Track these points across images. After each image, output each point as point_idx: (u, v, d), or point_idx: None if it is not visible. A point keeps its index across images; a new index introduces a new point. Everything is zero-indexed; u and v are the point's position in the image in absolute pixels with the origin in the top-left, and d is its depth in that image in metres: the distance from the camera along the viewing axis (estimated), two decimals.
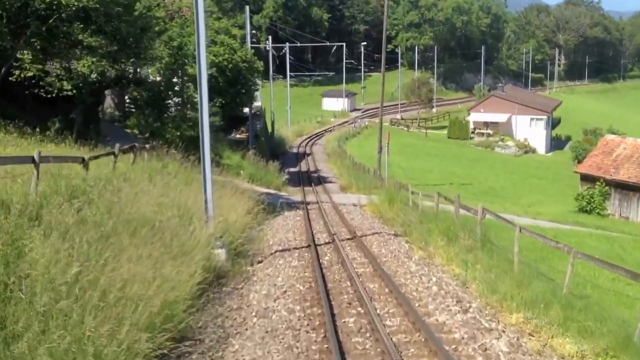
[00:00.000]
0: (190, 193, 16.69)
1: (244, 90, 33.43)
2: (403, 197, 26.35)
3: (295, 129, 71.88)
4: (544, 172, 65.97)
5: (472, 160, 69.62)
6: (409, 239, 19.59)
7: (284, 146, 60.16)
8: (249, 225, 18.69)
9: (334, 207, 27.49)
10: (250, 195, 23.31)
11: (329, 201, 29.46)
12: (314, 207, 27.75)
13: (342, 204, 28.48)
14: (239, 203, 20.75)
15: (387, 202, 25.75)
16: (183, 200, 15.85)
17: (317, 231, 21.14)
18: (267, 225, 22.67)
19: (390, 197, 26.00)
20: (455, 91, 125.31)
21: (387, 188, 28.54)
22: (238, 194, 22.16)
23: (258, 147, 39.25)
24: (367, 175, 37.58)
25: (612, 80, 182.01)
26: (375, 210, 26.14)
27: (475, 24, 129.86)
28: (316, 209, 27.02)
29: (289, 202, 28.90)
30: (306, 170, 45.18)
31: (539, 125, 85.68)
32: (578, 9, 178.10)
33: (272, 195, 30.29)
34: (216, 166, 32.24)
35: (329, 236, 19.65)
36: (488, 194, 45.51)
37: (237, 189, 22.74)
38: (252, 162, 32.94)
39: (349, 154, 49.13)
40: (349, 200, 29.77)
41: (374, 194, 31.97)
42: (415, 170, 52.42)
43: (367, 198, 29.05)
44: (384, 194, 27.54)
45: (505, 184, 52.56)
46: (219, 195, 20.14)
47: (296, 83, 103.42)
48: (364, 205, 27.87)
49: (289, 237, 20.05)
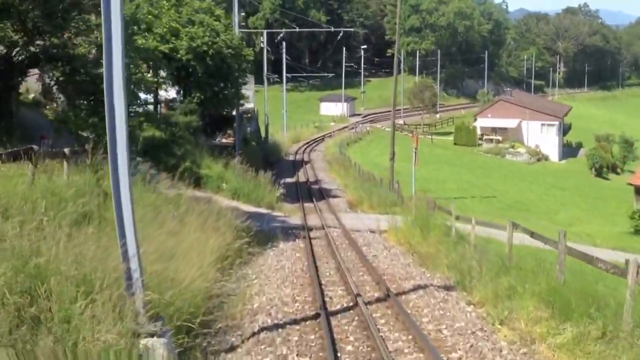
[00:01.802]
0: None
1: (229, 83, 25.83)
2: (437, 220, 18.89)
3: (292, 135, 64.23)
4: (563, 182, 58.55)
5: (484, 168, 62.25)
6: (471, 298, 12.10)
7: (279, 153, 52.48)
8: (217, 284, 11.09)
9: (345, 234, 19.85)
10: (230, 221, 15.78)
11: (338, 225, 21.80)
12: (319, 234, 20.11)
13: (355, 229, 20.84)
14: (210, 240, 13.12)
15: (419, 229, 18.17)
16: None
17: (327, 281, 13.57)
18: (252, 268, 15.09)
19: (423, 222, 18.40)
20: (456, 97, 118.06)
21: (415, 207, 20.88)
22: (211, 221, 14.59)
23: (248, 153, 31.60)
24: (380, 187, 29.92)
25: (611, 88, 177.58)
26: (402, 240, 18.52)
27: (477, 30, 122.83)
28: (322, 238, 19.40)
29: (285, 226, 21.25)
30: (305, 181, 37.48)
31: (551, 131, 78.39)
32: (577, 18, 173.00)
33: (262, 216, 22.63)
34: (192, 178, 24.54)
35: (348, 294, 12.11)
36: (516, 208, 37.99)
37: (210, 214, 15.19)
38: (239, 173, 25.26)
39: (353, 162, 41.46)
40: (363, 224, 22.12)
41: (394, 214, 24.45)
42: (428, 180, 44.81)
43: (386, 219, 21.38)
44: (411, 216, 19.98)
45: (529, 196, 45.02)
46: (177, 230, 12.66)
47: (293, 88, 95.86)
48: (385, 231, 20.24)
49: (283, 294, 12.43)
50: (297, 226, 21.39)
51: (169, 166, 24.35)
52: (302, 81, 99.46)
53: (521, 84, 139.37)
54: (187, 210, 14.86)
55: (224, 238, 14.47)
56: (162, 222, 12.84)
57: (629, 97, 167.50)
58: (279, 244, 18.07)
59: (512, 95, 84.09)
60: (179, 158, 24.47)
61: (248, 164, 28.61)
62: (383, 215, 24.28)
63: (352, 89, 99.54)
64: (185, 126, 24.27)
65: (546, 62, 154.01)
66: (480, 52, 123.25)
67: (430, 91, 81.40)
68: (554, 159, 77.62)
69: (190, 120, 24.40)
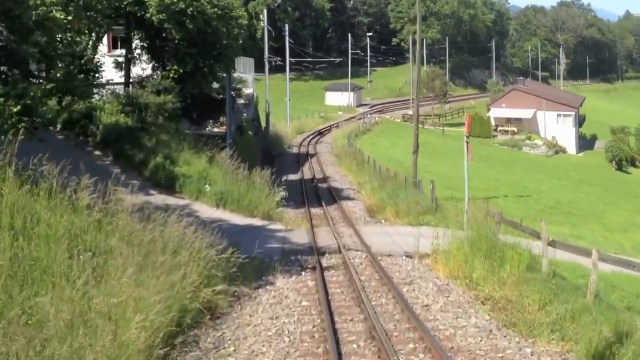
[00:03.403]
0: None
1: (216, 53, 19.38)
2: (501, 237, 12.87)
3: (296, 125, 57.66)
4: (590, 177, 52.08)
5: (503, 162, 55.72)
6: None
7: (282, 145, 46.02)
8: None
9: (372, 262, 13.48)
10: (199, 251, 9.54)
11: (359, 244, 15.39)
12: (334, 261, 13.74)
13: (384, 252, 14.44)
14: (153, 296, 6.64)
15: (482, 256, 11.99)
16: None
17: None
18: (229, 330, 8.86)
19: (488, 246, 12.13)
20: (463, 87, 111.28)
21: (470, 220, 14.50)
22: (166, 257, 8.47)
23: (242, 145, 25.24)
24: (404, 188, 23.50)
25: (612, 81, 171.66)
26: (456, 272, 12.31)
27: (481, 19, 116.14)
28: (339, 268, 13.05)
29: (287, 248, 14.95)
30: (311, 178, 31.04)
31: (567, 122, 71.67)
32: (572, 11, 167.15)
33: (255, 233, 16.33)
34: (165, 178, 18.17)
35: None
36: (558, 210, 31.62)
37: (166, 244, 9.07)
38: (227, 171, 18.88)
39: (367, 155, 34.95)
40: (393, 242, 15.74)
41: (429, 225, 18.19)
42: (449, 176, 38.41)
43: (422, 234, 15.02)
44: (462, 231, 13.80)
45: (565, 194, 38.56)
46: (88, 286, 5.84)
47: (296, 77, 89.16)
48: (427, 255, 13.93)
49: None
50: (303, 247, 14.99)
51: (135, 162, 18.04)
52: (306, 70, 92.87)
53: (526, 75, 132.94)
54: (124, 241, 8.67)
55: (182, 286, 8.30)
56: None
57: (629, 90, 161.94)
58: (277, 280, 11.83)
59: (525, 84, 77.37)
60: (149, 151, 18.16)
61: (241, 158, 22.25)
62: (415, 227, 17.88)
63: (357, 78, 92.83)
64: (158, 109, 17.96)
65: (549, 53, 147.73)
66: (485, 42, 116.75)
67: (441, 80, 74.77)
68: (572, 152, 71.02)
69: (164, 101, 18.02)
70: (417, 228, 17.77)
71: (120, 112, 18.01)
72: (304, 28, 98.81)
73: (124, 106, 18.06)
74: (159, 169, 17.61)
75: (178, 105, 18.59)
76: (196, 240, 9.71)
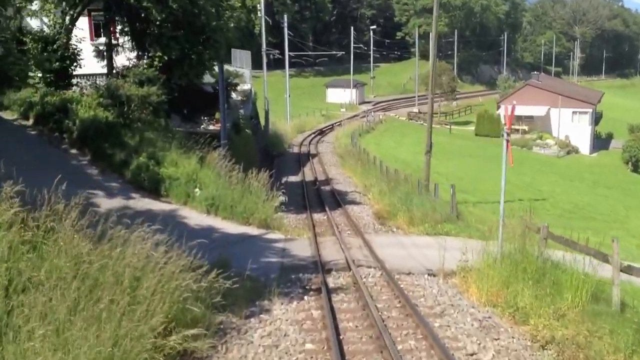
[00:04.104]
0: None
1: (205, 37, 17.60)
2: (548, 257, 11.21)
3: (296, 124, 55.96)
4: (605, 179, 50.37)
5: (513, 162, 53.92)
6: None
7: (282, 145, 44.33)
8: None
9: (389, 282, 11.88)
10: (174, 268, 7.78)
11: (371, 259, 13.72)
12: (343, 281, 12.17)
13: (402, 269, 12.80)
14: None
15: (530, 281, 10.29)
16: None
17: None
18: None
19: (537, 269, 10.50)
20: (471, 84, 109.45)
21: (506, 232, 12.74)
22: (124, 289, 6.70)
23: (238, 144, 23.54)
24: (414, 190, 21.77)
25: (629, 76, 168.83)
26: (494, 297, 10.84)
27: (494, 11, 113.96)
28: (349, 290, 11.52)
29: (286, 263, 13.23)
30: (313, 181, 29.39)
31: (583, 120, 69.79)
32: (596, 1, 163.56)
33: (251, 243, 14.66)
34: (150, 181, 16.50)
35: None
36: (578, 215, 29.99)
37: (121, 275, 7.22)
38: (220, 173, 17.17)
39: (372, 156, 33.16)
40: (410, 256, 14.07)
41: (449, 235, 16.52)
42: (460, 177, 36.76)
43: (444, 246, 13.34)
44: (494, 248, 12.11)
45: (582, 198, 36.84)
46: None
47: (296, 74, 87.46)
48: (454, 273, 12.24)
49: None
50: (306, 262, 13.37)
51: (115, 162, 16.35)
52: (306, 66, 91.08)
53: (538, 70, 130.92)
54: (57, 273, 6.95)
55: (136, 335, 6.51)
56: None
57: None
58: (274, 306, 10.18)
59: (539, 79, 75.48)
60: (131, 150, 16.47)
61: (237, 158, 20.53)
62: (433, 237, 16.24)
63: (359, 74, 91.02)
64: (141, 102, 16.25)
65: (563, 47, 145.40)
66: (495, 36, 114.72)
67: (449, 75, 73.03)
68: (585, 152, 69.21)
69: (148, 93, 16.32)
70: (435, 238, 16.11)
71: (99, 106, 16.28)
72: (304, 21, 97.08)
73: (103, 99, 16.32)
74: (142, 170, 15.97)
75: (163, 98, 16.92)
76: (168, 262, 7.87)
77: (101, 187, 16.55)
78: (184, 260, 8.06)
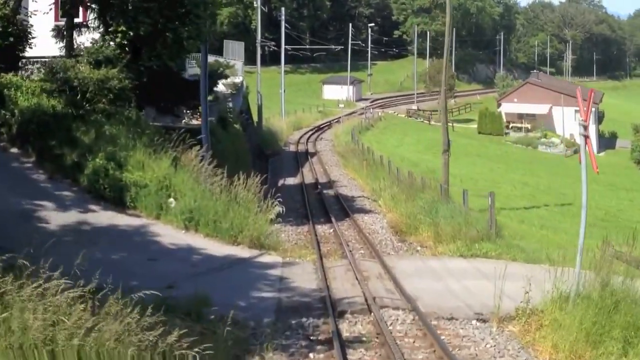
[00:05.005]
0: None
1: (183, 11, 13.64)
2: None
3: (292, 120, 51.97)
4: (621, 181, 46.72)
5: (522, 162, 50.37)
6: None
7: (277, 143, 40.34)
8: None
9: (427, 336, 7.89)
10: None
11: (397, 295, 9.80)
12: (363, 329, 8.37)
13: (442, 313, 8.84)
14: None
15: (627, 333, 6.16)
16: None
17: None
18: None
19: None
20: (467, 83, 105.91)
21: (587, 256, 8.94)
22: None
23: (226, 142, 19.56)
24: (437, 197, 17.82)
25: (620, 78, 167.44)
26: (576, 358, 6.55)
27: (489, 12, 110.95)
28: (372, 345, 7.49)
29: (284, 301, 9.36)
30: (313, 183, 25.41)
31: None
32: (581, 6, 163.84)
33: (239, 268, 10.83)
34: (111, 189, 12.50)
35: None
36: (613, 223, 26.10)
37: None
38: (200, 178, 13.23)
39: (379, 155, 29.18)
40: (447, 288, 10.14)
41: (490, 258, 12.73)
42: (474, 179, 33.04)
43: (481, 272, 9.47)
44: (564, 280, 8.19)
45: (606, 202, 33.04)
46: None
47: (292, 70, 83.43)
48: (513, 319, 8.41)
49: None
50: (310, 300, 9.46)
51: (67, 165, 12.41)
52: (303, 62, 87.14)
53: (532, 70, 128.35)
54: None
55: None
56: None
57: (637, 87, 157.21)
58: None
59: (538, 77, 71.96)
60: (85, 150, 12.54)
61: (224, 158, 16.61)
62: (469, 260, 12.44)
63: (356, 72, 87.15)
64: (98, 87, 12.34)
65: (555, 49, 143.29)
66: (491, 36, 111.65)
67: (448, 73, 69.15)
68: None
69: (106, 77, 12.38)
70: (472, 262, 12.32)
71: (43, 92, 12.34)
72: (302, 19, 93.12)
73: (46, 82, 12.37)
74: (99, 175, 11.99)
75: (127, 84, 12.91)
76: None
77: (50, 196, 12.59)
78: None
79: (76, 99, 12.43)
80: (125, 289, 6.60)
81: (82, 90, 12.41)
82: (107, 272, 9.83)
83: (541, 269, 10.99)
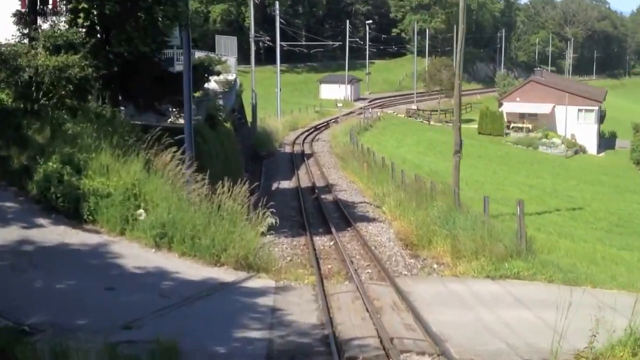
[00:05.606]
0: None
1: None
2: None
3: (288, 120, 49.87)
4: (625, 183, 44.81)
5: (523, 163, 48.46)
6: None
7: (272, 144, 38.25)
8: None
9: None
10: None
11: (422, 338, 7.65)
12: None
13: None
14: None
15: None
16: None
17: None
18: None
19: None
20: (467, 82, 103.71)
21: None
22: None
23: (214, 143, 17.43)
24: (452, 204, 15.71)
25: (619, 77, 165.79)
26: None
27: (490, 8, 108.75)
28: None
29: (277, 341, 7.25)
30: (310, 187, 23.33)
31: (589, 118, 64.39)
32: (584, 2, 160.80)
33: (221, 297, 8.73)
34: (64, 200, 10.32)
35: None
36: (629, 229, 24.10)
37: None
38: (177, 184, 11.15)
39: (380, 157, 27.07)
40: (479, 322, 8.08)
41: (523, 279, 10.64)
42: (479, 181, 30.96)
43: (516, 298, 7.33)
44: None
45: (619, 206, 30.97)
46: None
47: (288, 69, 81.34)
48: None
49: None
50: (310, 341, 7.34)
51: (13, 169, 10.29)
52: (299, 61, 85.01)
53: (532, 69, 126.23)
54: None
55: None
56: None
57: (637, 86, 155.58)
58: None
59: (542, 75, 69.96)
60: (37, 151, 10.43)
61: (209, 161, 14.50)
62: (499, 282, 10.41)
63: (354, 71, 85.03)
64: (56, 77, 10.25)
65: (556, 47, 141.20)
66: (491, 34, 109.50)
67: (449, 71, 67.17)
68: (592, 151, 63.91)
69: (66, 64, 10.29)
70: (503, 285, 10.30)
71: None
72: (297, 17, 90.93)
73: None
74: (51, 182, 9.89)
75: (90, 72, 10.81)
76: None
77: None
78: None
79: (29, 91, 10.35)
80: (69, 330, 4.56)
81: (36, 81, 10.33)
82: (48, 307, 7.75)
83: (587, 294, 9.10)
